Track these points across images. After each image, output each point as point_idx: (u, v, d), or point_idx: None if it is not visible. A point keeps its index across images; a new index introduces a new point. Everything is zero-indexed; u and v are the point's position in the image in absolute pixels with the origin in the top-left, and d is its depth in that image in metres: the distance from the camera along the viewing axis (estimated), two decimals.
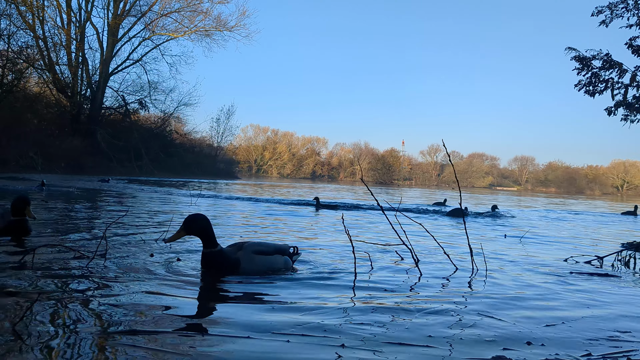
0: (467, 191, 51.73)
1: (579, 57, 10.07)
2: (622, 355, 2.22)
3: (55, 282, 3.04)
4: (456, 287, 3.57)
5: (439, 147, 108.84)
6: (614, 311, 3.05)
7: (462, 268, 4.30)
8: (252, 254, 3.54)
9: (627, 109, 10.18)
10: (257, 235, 6.27)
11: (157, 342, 2.10)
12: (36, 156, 29.41)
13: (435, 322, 2.60)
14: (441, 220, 10.40)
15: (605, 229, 10.43)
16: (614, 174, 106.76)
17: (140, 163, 39.85)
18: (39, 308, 2.46)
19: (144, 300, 2.75)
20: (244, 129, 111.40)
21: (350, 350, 2.12)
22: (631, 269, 4.85)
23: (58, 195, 11.61)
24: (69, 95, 38.57)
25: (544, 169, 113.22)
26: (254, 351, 2.07)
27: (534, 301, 3.22)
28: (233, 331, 2.31)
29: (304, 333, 2.32)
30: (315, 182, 73.75)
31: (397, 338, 2.32)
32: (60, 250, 4.14)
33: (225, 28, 43.56)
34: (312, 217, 9.71)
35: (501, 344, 2.29)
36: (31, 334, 2.09)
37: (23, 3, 33.33)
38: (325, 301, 2.96)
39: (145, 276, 3.35)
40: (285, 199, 16.00)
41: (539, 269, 4.57)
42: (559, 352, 2.23)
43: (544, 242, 7.04)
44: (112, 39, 39.94)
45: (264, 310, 2.70)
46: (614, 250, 5.49)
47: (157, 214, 8.16)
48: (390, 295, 3.20)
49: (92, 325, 2.26)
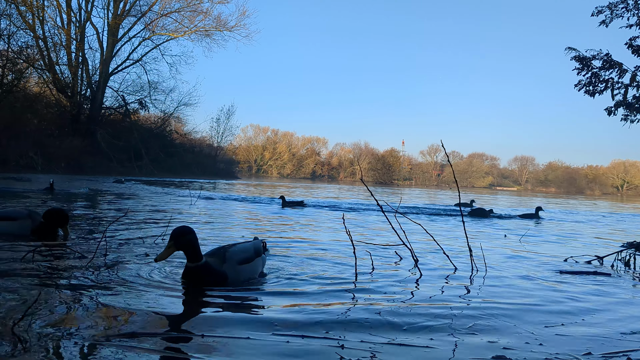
0: (466, 191, 51.74)
1: (579, 57, 10.09)
2: (622, 355, 2.22)
3: (56, 281, 3.04)
4: (456, 287, 3.57)
5: (439, 147, 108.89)
6: (614, 311, 3.05)
7: (462, 268, 4.30)
8: (237, 266, 3.38)
9: (627, 109, 10.19)
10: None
11: (158, 344, 2.10)
12: (36, 156, 29.42)
13: (434, 322, 2.60)
14: (457, 220, 10.39)
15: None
16: (614, 174, 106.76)
17: (140, 163, 39.85)
18: (40, 308, 2.46)
19: (143, 300, 2.75)
20: (244, 129, 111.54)
21: (349, 351, 2.12)
22: (631, 268, 4.85)
23: (68, 197, 11.60)
24: (69, 95, 38.57)
25: (544, 169, 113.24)
26: (254, 352, 2.07)
27: (533, 301, 3.22)
28: (232, 332, 2.31)
29: (304, 334, 2.32)
30: (315, 182, 73.74)
31: (396, 338, 2.32)
32: (61, 250, 4.14)
33: (225, 28, 43.62)
34: (279, 213, 9.72)
35: (501, 344, 2.29)
36: (31, 334, 2.09)
37: (23, 3, 33.35)
38: (328, 302, 2.96)
39: (144, 276, 3.35)
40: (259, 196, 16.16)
41: (538, 268, 4.57)
42: (559, 351, 2.23)
43: (543, 242, 7.04)
44: (112, 39, 39.95)
45: (263, 310, 2.70)
46: (615, 250, 5.49)
47: (156, 212, 8.16)
48: (390, 295, 3.20)
49: (93, 326, 2.26)
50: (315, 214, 10.33)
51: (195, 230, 3.22)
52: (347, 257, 4.53)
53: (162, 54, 42.76)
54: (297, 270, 3.89)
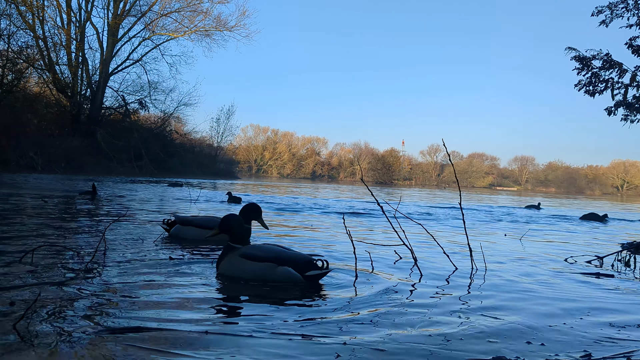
0: (467, 191, 51.72)
1: (579, 57, 10.09)
2: (622, 355, 2.22)
3: (56, 281, 3.05)
4: (456, 287, 3.57)
5: (439, 147, 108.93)
6: (614, 311, 3.06)
7: (462, 268, 4.30)
8: (238, 257, 3.40)
9: (627, 109, 10.19)
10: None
11: (158, 341, 2.10)
12: (36, 156, 29.39)
13: (434, 322, 2.60)
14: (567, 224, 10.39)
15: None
16: (614, 174, 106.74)
17: (140, 163, 39.81)
18: (40, 307, 2.46)
19: (143, 299, 2.75)
20: (244, 129, 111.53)
21: (349, 349, 2.13)
22: (631, 268, 4.85)
23: (111, 200, 11.39)
24: (69, 95, 38.55)
25: (544, 169, 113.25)
26: (257, 350, 2.07)
27: (533, 301, 3.22)
28: (234, 330, 2.31)
29: (304, 333, 2.32)
30: (315, 182, 73.73)
31: (396, 338, 2.32)
32: (60, 250, 4.14)
33: (225, 28, 43.54)
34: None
35: (501, 344, 2.30)
36: (32, 333, 2.09)
37: (23, 3, 33.32)
38: (326, 301, 2.96)
39: (144, 276, 3.35)
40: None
41: (538, 268, 4.57)
42: (559, 351, 2.23)
43: (544, 241, 7.04)
44: (112, 39, 39.92)
45: (266, 309, 2.71)
46: (615, 250, 5.49)
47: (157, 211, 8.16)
48: (389, 295, 3.20)
49: (93, 324, 2.26)
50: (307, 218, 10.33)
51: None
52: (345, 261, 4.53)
53: (162, 54, 42.73)
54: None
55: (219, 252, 4.49)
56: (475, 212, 13.97)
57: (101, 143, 37.73)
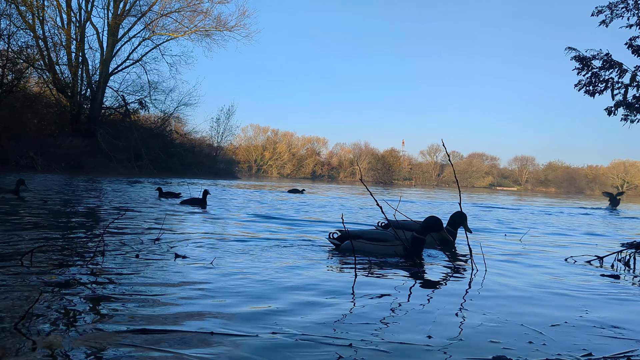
0: (466, 191, 51.71)
1: (579, 57, 10.09)
2: (622, 355, 2.23)
3: (56, 281, 3.05)
4: (456, 287, 3.57)
5: (439, 147, 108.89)
6: (614, 311, 3.06)
7: (461, 268, 4.30)
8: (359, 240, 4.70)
9: (627, 109, 10.19)
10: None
11: (163, 342, 2.10)
12: (36, 156, 29.39)
13: (434, 322, 2.61)
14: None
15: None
16: (614, 174, 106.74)
17: (140, 163, 39.80)
18: (40, 307, 2.46)
19: (146, 299, 2.75)
20: (244, 129, 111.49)
21: (354, 349, 2.13)
22: (631, 268, 4.85)
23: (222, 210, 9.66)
24: (69, 95, 38.55)
25: (544, 169, 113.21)
26: (260, 347, 2.07)
27: (533, 301, 3.22)
28: (236, 329, 2.31)
29: (305, 332, 2.33)
30: (315, 182, 73.71)
31: (396, 338, 2.32)
32: (60, 250, 4.14)
33: (225, 28, 43.51)
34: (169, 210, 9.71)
35: (502, 344, 2.30)
36: (33, 334, 2.09)
37: (23, 3, 33.31)
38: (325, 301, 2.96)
39: (143, 275, 3.35)
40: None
41: (538, 268, 4.57)
42: (560, 351, 2.23)
43: (543, 241, 7.04)
44: (112, 39, 39.91)
45: (269, 309, 2.71)
46: (615, 249, 5.50)
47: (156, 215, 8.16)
48: (388, 295, 3.20)
49: (94, 325, 2.26)
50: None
51: None
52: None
53: (162, 54, 42.72)
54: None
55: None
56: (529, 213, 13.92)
57: (101, 143, 37.73)
